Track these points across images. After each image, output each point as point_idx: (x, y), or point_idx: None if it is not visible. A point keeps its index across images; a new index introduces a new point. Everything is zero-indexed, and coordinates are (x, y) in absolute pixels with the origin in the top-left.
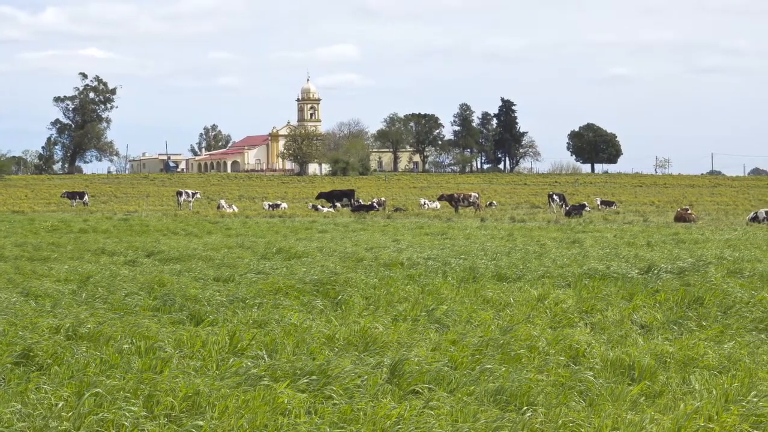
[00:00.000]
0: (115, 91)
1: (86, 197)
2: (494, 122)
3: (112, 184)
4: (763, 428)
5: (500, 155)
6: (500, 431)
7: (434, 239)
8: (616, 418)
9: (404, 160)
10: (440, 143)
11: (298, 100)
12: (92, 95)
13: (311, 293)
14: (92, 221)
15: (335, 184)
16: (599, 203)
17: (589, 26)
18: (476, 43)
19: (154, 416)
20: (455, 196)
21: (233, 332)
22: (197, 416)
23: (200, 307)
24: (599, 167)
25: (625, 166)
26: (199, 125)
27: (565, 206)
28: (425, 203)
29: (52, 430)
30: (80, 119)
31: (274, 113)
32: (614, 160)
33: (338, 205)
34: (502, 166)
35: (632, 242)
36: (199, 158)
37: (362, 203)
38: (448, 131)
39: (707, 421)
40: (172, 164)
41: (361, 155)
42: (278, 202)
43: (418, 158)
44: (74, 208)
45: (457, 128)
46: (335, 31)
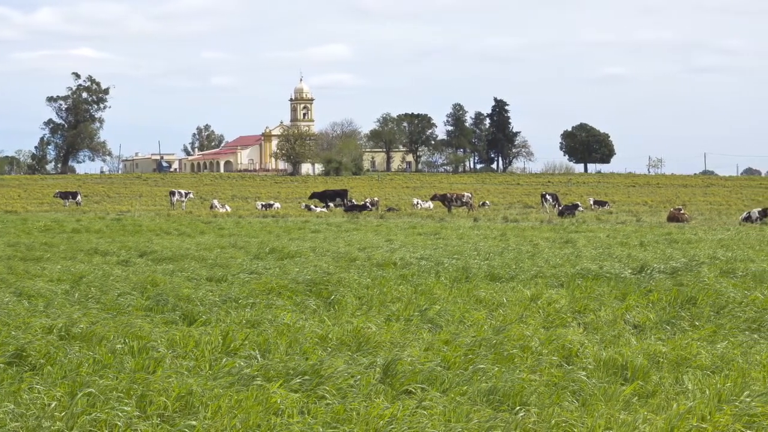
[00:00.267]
0: (108, 90)
1: (79, 197)
2: (487, 122)
3: (104, 184)
4: (755, 428)
5: (493, 155)
6: (493, 431)
7: (427, 239)
8: (608, 417)
9: (397, 160)
10: (433, 143)
11: (291, 100)
12: (85, 95)
13: (304, 293)
14: (85, 221)
15: (328, 184)
16: (592, 203)
17: (583, 26)
18: (469, 43)
19: (147, 416)
20: (448, 196)
21: (226, 332)
22: (190, 416)
23: (193, 307)
24: (592, 167)
25: (618, 166)
26: (192, 125)
27: (558, 206)
28: (418, 203)
29: (45, 430)
30: (73, 119)
31: (267, 113)
32: (607, 160)
33: (331, 205)
34: (495, 166)
35: (625, 242)
36: (191, 158)
37: (355, 203)
38: (441, 131)
39: (700, 420)
40: (164, 164)
41: (354, 155)
42: (271, 202)
43: (411, 158)
44: (67, 208)
45: (450, 128)
46: (328, 30)
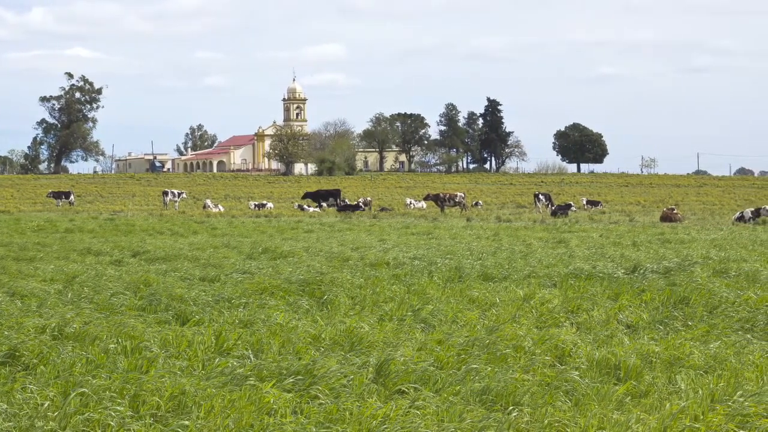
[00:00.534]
0: (101, 90)
1: (72, 197)
2: (480, 122)
3: (98, 183)
4: (748, 428)
5: (486, 155)
6: (486, 431)
7: (420, 239)
8: (602, 417)
9: (390, 159)
10: (426, 143)
11: (284, 99)
12: (78, 95)
13: (297, 293)
14: (78, 221)
15: (321, 183)
16: (585, 203)
17: (576, 26)
18: (462, 42)
19: (140, 416)
20: (441, 195)
21: (219, 332)
22: (183, 416)
23: (186, 306)
24: (585, 167)
25: (611, 165)
26: (185, 125)
27: (551, 206)
28: (411, 203)
29: (38, 430)
30: (66, 119)
31: (260, 113)
32: (600, 159)
33: (324, 204)
34: (488, 166)
35: (618, 242)
36: (185, 158)
37: (348, 203)
38: (434, 131)
39: (693, 420)
40: (158, 164)
41: (347, 155)
42: (264, 201)
43: (404, 158)
44: (60, 207)
45: (443, 128)
46: (321, 30)
